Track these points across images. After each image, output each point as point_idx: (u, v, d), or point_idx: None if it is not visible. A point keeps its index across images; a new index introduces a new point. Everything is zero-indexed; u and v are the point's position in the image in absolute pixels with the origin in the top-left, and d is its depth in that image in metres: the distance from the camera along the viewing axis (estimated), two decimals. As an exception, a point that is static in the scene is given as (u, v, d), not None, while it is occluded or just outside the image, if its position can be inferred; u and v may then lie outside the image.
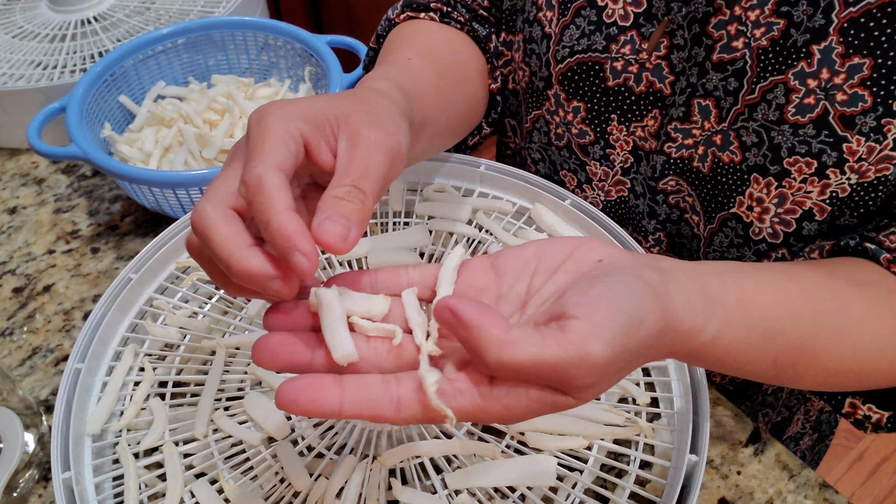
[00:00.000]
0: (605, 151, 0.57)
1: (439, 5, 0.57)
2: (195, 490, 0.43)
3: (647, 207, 0.57)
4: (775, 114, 0.45)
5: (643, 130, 0.54)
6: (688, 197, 0.54)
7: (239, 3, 0.86)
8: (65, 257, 0.66)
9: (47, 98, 0.72)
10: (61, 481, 0.42)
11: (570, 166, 0.60)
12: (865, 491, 1.41)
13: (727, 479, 0.49)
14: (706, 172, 0.51)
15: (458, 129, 0.55)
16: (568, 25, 0.53)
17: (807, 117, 0.44)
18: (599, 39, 0.52)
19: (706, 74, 0.48)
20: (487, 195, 0.59)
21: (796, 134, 0.45)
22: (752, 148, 0.47)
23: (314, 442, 0.46)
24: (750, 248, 0.51)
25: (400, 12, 0.58)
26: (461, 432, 0.45)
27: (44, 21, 0.86)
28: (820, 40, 0.42)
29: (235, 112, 0.70)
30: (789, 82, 0.44)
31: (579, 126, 0.57)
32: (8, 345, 0.59)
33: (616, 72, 0.52)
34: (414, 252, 0.55)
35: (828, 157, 0.44)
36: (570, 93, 0.55)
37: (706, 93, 0.48)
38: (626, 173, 0.57)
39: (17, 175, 0.76)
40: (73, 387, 0.46)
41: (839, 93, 0.42)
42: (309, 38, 0.73)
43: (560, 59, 0.54)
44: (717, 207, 0.52)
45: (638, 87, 0.52)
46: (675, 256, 0.58)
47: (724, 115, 0.48)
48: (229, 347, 0.50)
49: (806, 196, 0.46)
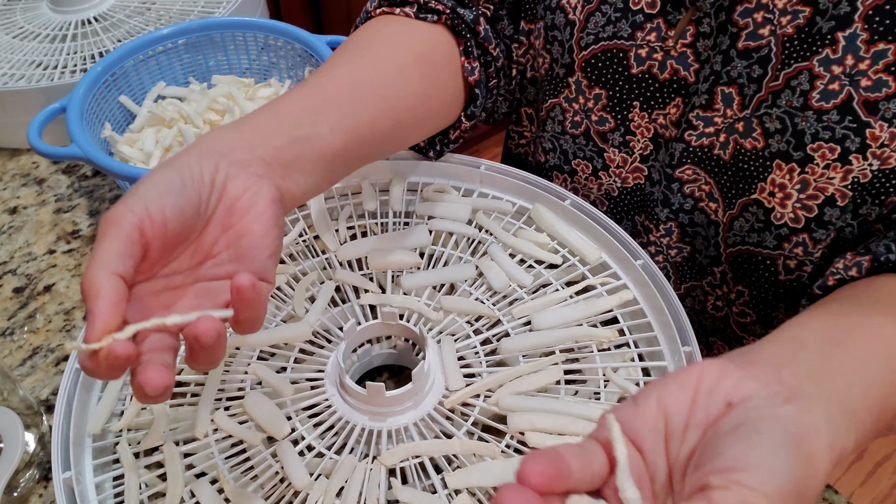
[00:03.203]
0: (624, 138, 0.57)
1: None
2: (195, 490, 0.43)
3: (662, 195, 0.57)
4: (799, 100, 0.46)
5: (665, 118, 0.54)
6: (704, 185, 0.54)
7: (239, 4, 0.86)
8: (65, 257, 0.67)
9: (48, 98, 0.72)
10: (62, 481, 0.42)
11: (585, 154, 0.60)
12: (865, 491, 1.41)
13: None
14: (727, 159, 0.51)
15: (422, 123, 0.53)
16: (593, 13, 0.53)
17: (831, 103, 0.44)
18: (625, 27, 0.52)
19: (731, 62, 0.48)
20: (487, 195, 0.59)
21: (820, 120, 0.45)
22: (775, 134, 0.48)
23: (314, 442, 0.46)
24: (771, 233, 0.52)
25: (377, 5, 0.56)
26: (461, 432, 0.45)
27: (44, 21, 0.86)
28: (845, 27, 0.43)
29: (236, 112, 0.70)
30: (814, 69, 0.44)
31: (599, 113, 0.57)
32: (8, 345, 0.59)
33: (640, 59, 0.53)
34: (414, 252, 0.55)
35: (851, 142, 0.45)
36: (592, 80, 0.55)
37: (730, 80, 0.49)
38: (645, 160, 0.57)
39: (18, 175, 0.76)
40: (74, 387, 0.46)
41: (864, 78, 0.43)
42: (309, 38, 0.73)
43: (584, 47, 0.54)
44: (738, 193, 0.52)
45: (662, 75, 0.52)
46: (688, 245, 0.59)
47: (746, 102, 0.48)
48: (229, 347, 0.50)
49: (828, 182, 0.47)
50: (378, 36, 0.53)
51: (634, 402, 0.30)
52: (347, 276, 0.54)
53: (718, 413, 0.29)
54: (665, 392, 0.30)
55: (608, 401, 0.47)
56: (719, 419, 0.28)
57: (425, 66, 0.52)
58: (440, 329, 0.51)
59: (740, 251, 0.55)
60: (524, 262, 0.55)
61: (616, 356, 0.49)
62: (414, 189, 0.59)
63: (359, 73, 0.47)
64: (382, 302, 0.52)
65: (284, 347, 0.51)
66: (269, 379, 0.48)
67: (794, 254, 0.52)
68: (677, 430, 0.29)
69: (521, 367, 0.48)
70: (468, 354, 0.50)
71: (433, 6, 0.54)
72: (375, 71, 0.48)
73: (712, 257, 0.58)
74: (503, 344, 0.49)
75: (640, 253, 0.52)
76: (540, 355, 0.49)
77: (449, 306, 0.52)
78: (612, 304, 0.51)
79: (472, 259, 0.55)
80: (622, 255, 0.53)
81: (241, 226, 0.36)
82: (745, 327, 0.60)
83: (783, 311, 0.56)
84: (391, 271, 0.55)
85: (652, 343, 0.50)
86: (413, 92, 0.50)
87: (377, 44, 0.52)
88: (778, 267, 0.53)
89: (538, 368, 0.48)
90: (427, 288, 0.54)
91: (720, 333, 0.63)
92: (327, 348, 0.51)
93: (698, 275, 0.60)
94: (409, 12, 0.54)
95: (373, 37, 0.53)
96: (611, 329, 0.50)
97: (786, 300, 0.56)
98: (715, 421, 0.28)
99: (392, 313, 0.50)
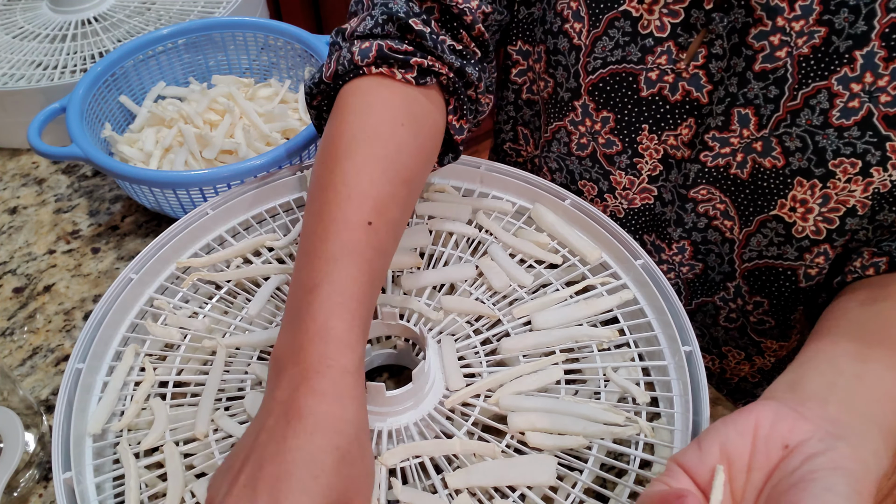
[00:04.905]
0: (632, 161, 0.57)
1: (420, 60, 0.47)
2: (196, 490, 0.43)
3: (675, 215, 0.57)
4: (819, 118, 0.46)
5: (676, 139, 0.54)
6: (719, 204, 0.54)
7: (239, 4, 0.86)
8: (65, 257, 0.67)
9: (48, 98, 0.72)
10: (62, 481, 0.42)
11: (591, 175, 0.60)
12: (865, 491, 1.41)
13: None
14: (745, 178, 0.51)
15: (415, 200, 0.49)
16: (600, 37, 0.52)
17: (851, 120, 0.45)
18: (634, 51, 0.51)
19: (747, 84, 0.48)
20: (487, 195, 0.59)
21: (841, 137, 0.46)
22: (795, 153, 0.48)
23: (314, 442, 0.46)
24: (792, 246, 0.52)
25: (371, 62, 0.47)
26: (461, 432, 0.45)
27: (44, 21, 0.86)
28: (862, 46, 0.43)
29: (236, 112, 0.70)
30: (833, 87, 0.45)
31: (607, 136, 0.56)
32: (8, 345, 0.59)
33: (651, 82, 0.52)
34: (414, 252, 0.55)
35: (871, 156, 0.45)
36: (599, 103, 0.55)
37: (746, 102, 0.49)
38: (654, 181, 0.57)
39: (18, 175, 0.76)
40: (74, 387, 0.46)
41: (883, 94, 0.44)
42: (309, 38, 0.73)
43: (591, 71, 0.54)
44: (756, 211, 0.52)
45: (673, 97, 0.52)
46: (700, 262, 0.59)
47: (764, 122, 0.48)
48: (230, 347, 0.50)
49: (850, 195, 0.48)
50: (385, 133, 0.45)
51: (699, 448, 0.34)
52: (347, 276, 0.54)
53: (779, 457, 0.33)
54: (726, 439, 0.34)
55: (608, 400, 0.47)
56: (781, 461, 0.32)
57: (419, 141, 0.47)
58: (440, 329, 0.51)
59: (757, 265, 0.55)
60: (524, 262, 0.55)
61: (616, 356, 0.49)
62: (414, 189, 0.59)
63: (384, 211, 0.43)
64: (382, 302, 0.52)
65: (284, 347, 0.51)
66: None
67: (815, 263, 0.52)
68: (740, 474, 0.33)
69: (521, 367, 0.48)
70: (468, 354, 0.50)
71: (436, 69, 0.48)
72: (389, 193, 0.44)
73: (726, 273, 0.58)
74: (503, 344, 0.49)
75: (640, 253, 0.52)
76: (540, 355, 0.49)
77: (449, 306, 0.52)
78: (613, 303, 0.51)
79: (472, 259, 0.55)
80: (622, 254, 0.53)
81: None
82: (763, 332, 0.60)
83: (801, 311, 0.57)
84: (391, 271, 0.55)
85: (652, 343, 0.50)
86: (411, 181, 0.46)
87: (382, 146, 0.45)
88: (799, 276, 0.54)
89: (538, 368, 0.48)
90: (427, 288, 0.54)
91: (734, 342, 0.63)
92: (327, 348, 0.51)
93: (710, 291, 0.60)
94: (410, 79, 0.47)
95: (381, 136, 0.45)
96: (611, 329, 0.50)
97: (806, 303, 0.56)
98: (777, 464, 0.32)
99: (392, 313, 0.50)
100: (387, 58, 0.47)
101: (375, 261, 0.42)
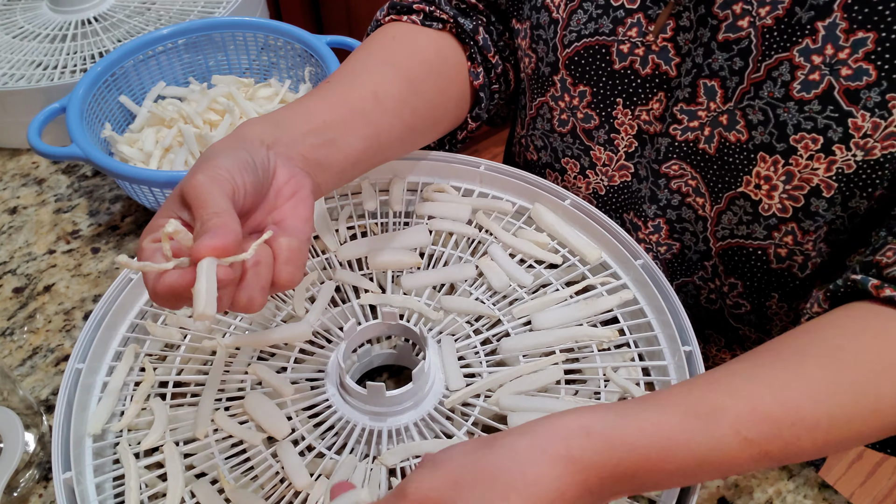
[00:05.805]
0: (609, 136, 0.57)
1: (422, 6, 0.58)
2: (196, 490, 0.43)
3: (649, 191, 0.57)
4: (781, 91, 0.46)
5: (648, 114, 0.54)
6: (690, 181, 0.54)
7: (239, 4, 0.86)
8: (65, 257, 0.67)
9: (48, 98, 0.72)
10: (62, 481, 0.42)
11: (573, 152, 0.60)
12: (865, 491, 1.41)
13: (727, 479, 0.49)
14: (712, 153, 0.51)
15: (432, 128, 0.57)
16: (576, 10, 0.54)
17: (812, 93, 0.45)
18: (606, 22, 0.52)
19: (711, 54, 0.48)
20: (487, 195, 0.59)
21: (802, 110, 0.45)
22: (758, 126, 0.48)
23: (314, 442, 0.46)
24: (760, 224, 0.52)
25: (385, 14, 0.60)
26: (461, 432, 0.45)
27: (44, 21, 0.86)
28: (824, 17, 0.43)
29: (236, 112, 0.70)
30: (794, 59, 0.45)
31: (584, 110, 0.57)
32: (8, 345, 0.59)
33: (622, 55, 0.53)
34: (414, 252, 0.55)
35: (833, 132, 0.45)
36: (576, 77, 0.56)
37: (711, 73, 0.49)
38: (630, 157, 0.57)
39: (18, 175, 0.76)
40: (74, 387, 0.46)
41: (844, 67, 0.43)
42: (309, 38, 0.73)
43: (567, 44, 0.55)
44: (724, 187, 0.52)
45: (644, 70, 0.53)
46: (677, 242, 0.59)
47: (729, 94, 0.48)
48: (229, 347, 0.50)
49: (813, 173, 0.47)
50: (393, 44, 0.56)
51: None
52: (347, 276, 0.54)
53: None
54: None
55: (608, 400, 0.47)
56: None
57: (437, 75, 0.56)
58: (440, 329, 0.51)
59: (730, 244, 0.55)
60: (524, 261, 0.55)
61: (616, 356, 0.49)
62: (414, 189, 0.59)
63: (380, 84, 0.50)
64: (382, 302, 0.52)
65: (284, 347, 0.51)
66: (269, 379, 0.48)
67: (784, 242, 0.52)
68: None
69: (521, 367, 0.48)
70: (468, 354, 0.50)
71: (437, 15, 0.57)
72: (395, 82, 0.51)
73: (702, 252, 0.58)
74: (503, 344, 0.49)
75: (640, 253, 0.52)
76: (540, 355, 0.49)
77: (449, 306, 0.52)
78: (612, 303, 0.51)
79: (472, 259, 0.55)
80: (622, 254, 0.53)
81: (285, 209, 0.39)
82: (740, 318, 0.60)
83: (776, 300, 0.57)
84: (391, 271, 0.55)
85: (652, 343, 0.50)
86: (427, 100, 0.54)
87: (396, 55, 0.55)
88: (769, 256, 0.54)
89: (538, 368, 0.48)
90: (427, 288, 0.54)
91: (714, 325, 0.63)
92: (327, 348, 0.51)
93: (689, 270, 0.60)
94: (415, 20, 0.57)
95: (389, 45, 0.56)
96: (611, 329, 0.50)
97: (779, 289, 0.56)
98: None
99: (392, 313, 0.50)
100: (395, 5, 0.59)
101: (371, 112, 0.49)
